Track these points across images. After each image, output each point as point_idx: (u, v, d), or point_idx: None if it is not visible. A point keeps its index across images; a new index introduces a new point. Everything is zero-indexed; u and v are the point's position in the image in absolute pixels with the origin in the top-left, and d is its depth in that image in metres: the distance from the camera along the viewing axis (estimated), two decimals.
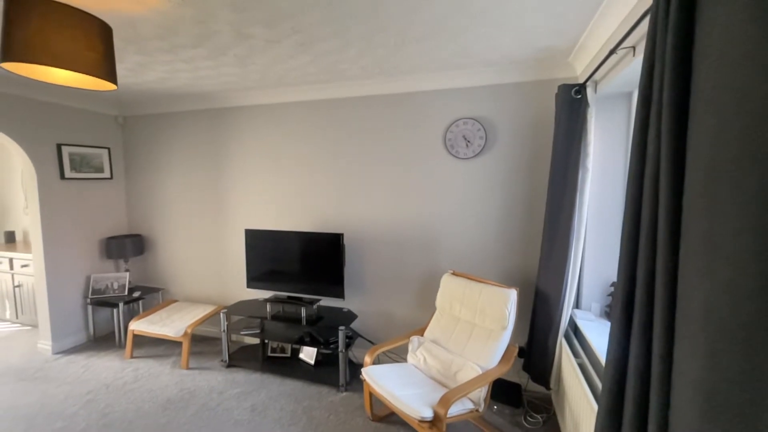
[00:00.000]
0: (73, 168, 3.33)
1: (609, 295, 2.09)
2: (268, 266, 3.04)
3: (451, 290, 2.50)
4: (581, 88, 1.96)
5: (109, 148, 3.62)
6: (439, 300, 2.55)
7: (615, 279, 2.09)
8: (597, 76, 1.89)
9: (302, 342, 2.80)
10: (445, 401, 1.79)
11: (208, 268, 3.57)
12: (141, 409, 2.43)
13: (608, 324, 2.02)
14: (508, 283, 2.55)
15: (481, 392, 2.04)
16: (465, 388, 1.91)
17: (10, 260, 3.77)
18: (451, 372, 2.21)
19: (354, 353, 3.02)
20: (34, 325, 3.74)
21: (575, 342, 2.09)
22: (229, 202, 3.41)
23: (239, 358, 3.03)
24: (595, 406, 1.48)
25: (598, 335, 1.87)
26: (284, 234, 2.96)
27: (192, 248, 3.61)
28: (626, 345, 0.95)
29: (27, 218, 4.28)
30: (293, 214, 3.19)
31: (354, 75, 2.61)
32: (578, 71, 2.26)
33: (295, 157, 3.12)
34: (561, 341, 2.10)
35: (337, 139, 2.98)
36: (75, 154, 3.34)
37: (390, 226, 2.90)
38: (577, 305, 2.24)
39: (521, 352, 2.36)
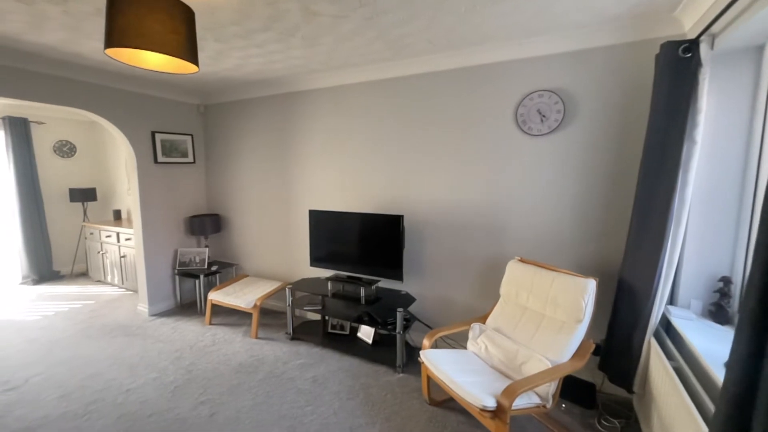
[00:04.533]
0: (164, 153, 3.73)
1: (716, 291, 1.76)
2: (330, 246, 3.13)
3: (517, 278, 2.33)
4: (692, 44, 1.64)
5: (192, 135, 3.99)
6: (504, 287, 2.40)
7: (725, 273, 1.77)
8: (715, 28, 1.56)
9: (361, 321, 2.85)
10: (511, 392, 1.68)
11: (275, 247, 3.79)
12: (217, 369, 2.68)
13: (712, 325, 1.73)
14: (582, 272, 2.30)
15: (550, 387, 1.88)
16: (532, 381, 1.77)
17: (117, 234, 4.40)
18: (516, 363, 2.08)
19: (411, 336, 3.00)
20: (135, 290, 4.33)
21: (668, 343, 1.81)
22: (295, 183, 3.56)
23: (302, 332, 3.20)
24: (697, 416, 1.27)
25: (701, 337, 1.59)
26: (346, 215, 3.01)
27: (262, 227, 3.86)
28: (760, 344, 0.77)
29: (129, 198, 4.95)
30: (355, 196, 3.22)
31: (420, 50, 2.51)
32: (686, 26, 1.90)
33: (358, 138, 3.14)
34: (650, 341, 1.84)
35: (400, 118, 2.92)
36: (165, 140, 3.73)
37: (452, 208, 2.79)
38: (671, 301, 1.94)
39: (597, 349, 2.13)
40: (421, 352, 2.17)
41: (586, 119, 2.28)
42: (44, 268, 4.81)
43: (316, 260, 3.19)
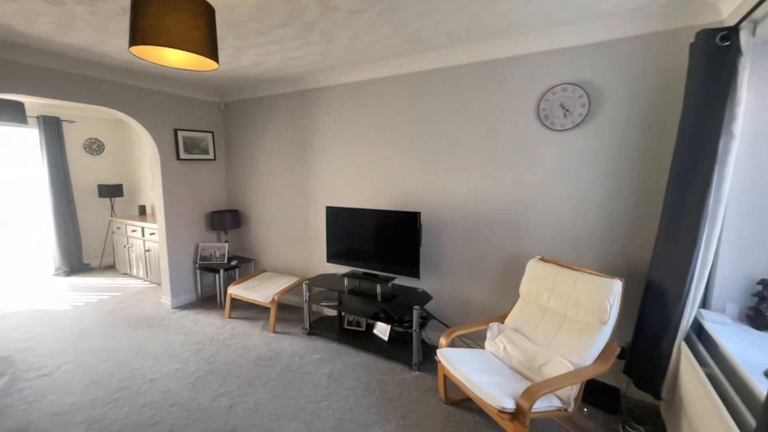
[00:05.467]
0: (186, 150, 3.82)
1: (754, 294, 1.66)
2: (347, 242, 3.13)
3: (538, 277, 2.27)
4: (731, 32, 1.54)
5: (212, 132, 4.07)
6: (524, 287, 2.34)
7: (764, 275, 1.67)
8: (757, 13, 1.45)
9: (377, 318, 2.84)
10: (531, 394, 1.64)
11: (293, 242, 3.83)
12: (236, 362, 2.73)
13: (750, 330, 1.64)
14: (607, 272, 2.21)
15: (572, 391, 1.83)
16: (553, 384, 1.72)
17: (142, 229, 4.55)
18: (536, 364, 2.02)
19: (427, 334, 2.98)
20: (158, 283, 4.47)
21: (700, 348, 1.72)
22: (312, 180, 3.58)
23: (318, 327, 3.22)
24: (734, 426, 1.19)
25: (737, 343, 1.51)
26: (363, 211, 3.00)
27: (280, 223, 3.91)
28: None
29: (153, 194, 5.10)
30: (372, 192, 3.21)
31: (438, 44, 2.47)
32: (724, 13, 1.79)
33: (375, 134, 3.12)
34: (680, 345, 1.76)
35: (417, 114, 2.88)
36: (187, 137, 3.82)
37: (471, 205, 2.73)
38: (703, 305, 1.84)
39: (622, 353, 2.04)
40: (438, 351, 2.15)
41: (613, 113, 2.18)
42: (75, 260, 5.04)
43: (333, 256, 3.20)
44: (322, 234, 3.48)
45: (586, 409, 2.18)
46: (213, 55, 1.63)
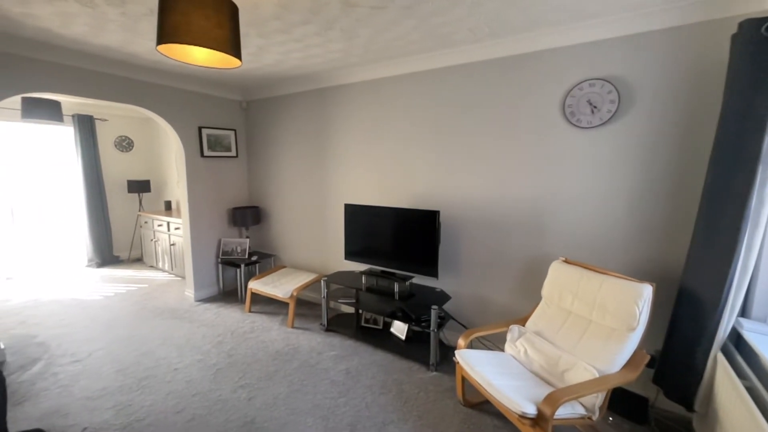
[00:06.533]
0: (210, 147, 3.92)
1: None
2: (365, 240, 3.13)
3: (561, 279, 2.19)
4: None
5: (235, 130, 4.16)
6: (547, 289, 2.27)
7: None
8: None
9: (394, 316, 2.83)
10: (553, 400, 1.58)
11: (312, 239, 3.87)
12: (255, 355, 2.79)
13: None
14: (637, 276, 2.11)
15: (597, 398, 1.76)
16: (577, 390, 1.66)
17: (168, 223, 4.71)
18: (558, 369, 1.96)
19: (445, 335, 2.94)
20: (183, 277, 4.62)
21: (739, 359, 1.62)
22: (331, 177, 3.60)
23: (336, 324, 3.24)
24: None
25: None
26: (381, 209, 2.99)
27: (299, 220, 3.96)
28: None
29: (178, 190, 5.27)
30: (390, 190, 3.20)
31: (460, 39, 2.42)
32: None
33: (395, 132, 3.10)
34: (717, 356, 1.66)
35: (437, 111, 2.84)
36: (211, 135, 3.92)
37: (492, 204, 2.68)
38: (743, 313, 1.73)
39: (652, 361, 1.95)
40: (456, 352, 2.11)
41: (645, 110, 2.08)
42: (106, 252, 5.28)
43: (351, 254, 3.21)
44: (340, 231, 3.49)
45: (611, 418, 2.10)
46: (236, 52, 1.65)
